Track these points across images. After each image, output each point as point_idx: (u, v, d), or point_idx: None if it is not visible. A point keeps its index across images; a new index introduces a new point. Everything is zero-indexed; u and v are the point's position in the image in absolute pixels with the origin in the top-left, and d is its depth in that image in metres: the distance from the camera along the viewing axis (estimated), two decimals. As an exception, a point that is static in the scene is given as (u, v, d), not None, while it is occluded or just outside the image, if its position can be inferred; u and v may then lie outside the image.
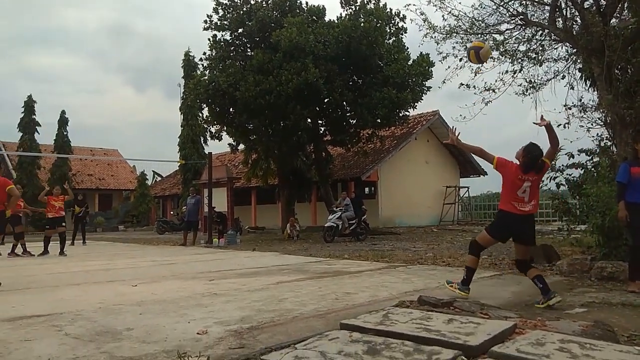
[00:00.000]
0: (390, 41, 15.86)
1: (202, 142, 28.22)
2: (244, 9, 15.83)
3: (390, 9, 15.69)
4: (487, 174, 25.65)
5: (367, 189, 23.08)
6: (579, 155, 7.55)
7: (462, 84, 8.86)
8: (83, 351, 3.03)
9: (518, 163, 4.44)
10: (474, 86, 8.71)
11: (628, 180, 5.04)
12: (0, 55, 70.50)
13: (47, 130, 29.43)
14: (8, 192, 6.35)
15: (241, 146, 19.11)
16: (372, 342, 2.88)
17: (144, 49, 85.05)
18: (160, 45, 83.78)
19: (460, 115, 8.91)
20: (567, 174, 7.57)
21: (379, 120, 15.75)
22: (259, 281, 6.08)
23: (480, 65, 8.40)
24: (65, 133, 30.53)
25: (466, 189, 25.82)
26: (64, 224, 11.59)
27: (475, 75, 8.69)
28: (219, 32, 16.21)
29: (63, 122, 30.56)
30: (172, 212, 30.26)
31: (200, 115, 25.94)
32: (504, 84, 8.70)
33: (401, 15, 15.74)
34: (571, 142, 7.54)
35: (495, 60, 8.58)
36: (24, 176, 28.52)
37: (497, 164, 4.50)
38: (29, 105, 29.64)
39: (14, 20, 71.82)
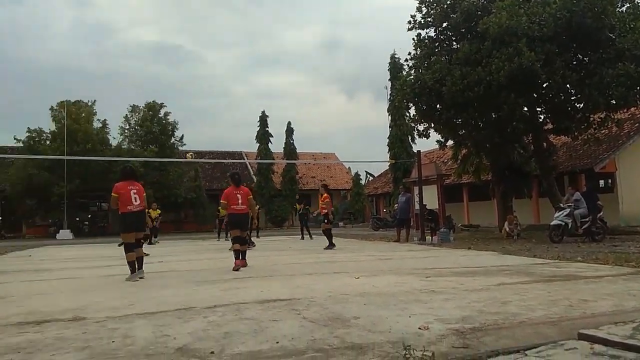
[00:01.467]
0: (624, 8, 13.46)
1: (409, 140, 28.57)
2: (448, 2, 15.42)
3: (622, -29, 13.31)
4: None
5: (602, 182, 19.98)
6: None
7: None
8: (319, 334, 3.39)
9: None
10: None
11: None
12: (240, 79, 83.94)
13: (277, 140, 33.90)
14: (249, 200, 7.98)
15: (450, 142, 18.67)
16: (620, 357, 2.50)
17: (353, 58, 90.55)
18: (367, 52, 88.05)
19: None
20: None
21: (613, 102, 13.47)
22: (477, 281, 5.86)
23: None
24: (291, 141, 34.58)
25: None
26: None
27: None
28: (423, 30, 16.15)
29: (289, 132, 34.68)
30: (384, 210, 31.44)
31: (408, 114, 26.27)
32: None
33: (638, -25, 13.22)
34: None
35: None
36: (262, 180, 33.32)
37: None
38: (263, 120, 34.51)
39: (247, 49, 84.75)
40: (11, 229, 27.66)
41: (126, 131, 29.60)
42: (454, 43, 15.91)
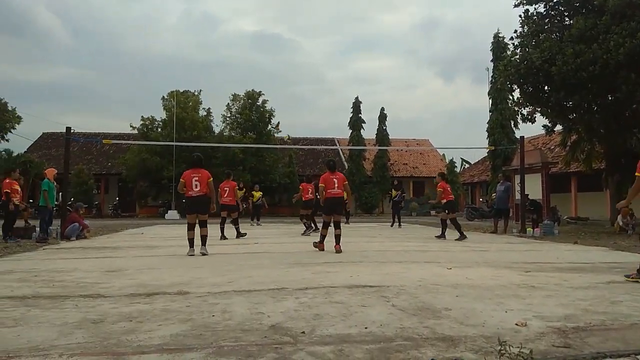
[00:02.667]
0: None
1: (512, 126, 26.87)
2: (560, -26, 14.19)
3: None
4: None
5: None
6: None
7: None
8: (408, 323, 3.35)
9: None
10: None
11: None
12: (335, 65, 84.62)
13: (370, 126, 33.72)
14: (345, 186, 8.39)
15: (558, 127, 17.26)
16: None
17: (452, 39, 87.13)
18: (467, 32, 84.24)
19: None
20: None
21: None
22: (583, 278, 5.41)
23: None
24: (384, 127, 34.18)
25: None
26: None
27: None
28: (532, 5, 15.00)
29: (382, 117, 34.28)
30: (481, 199, 30.05)
31: (511, 97, 24.74)
32: None
33: None
34: None
35: None
36: (354, 166, 33.43)
37: None
38: (356, 106, 34.45)
39: (342, 34, 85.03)
40: (126, 209, 30.65)
41: (227, 119, 31.24)
42: (566, 19, 14.63)
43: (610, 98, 13.52)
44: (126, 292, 4.51)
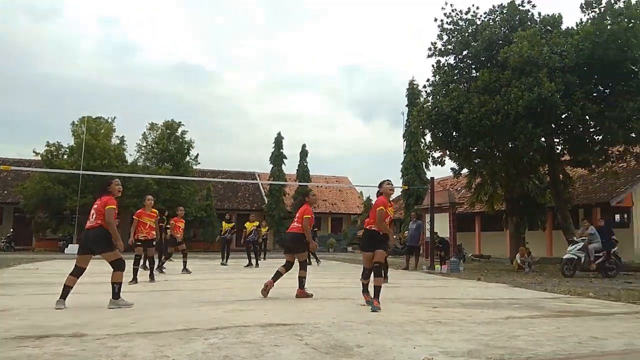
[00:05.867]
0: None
1: (424, 167, 28.49)
2: (469, 30, 15.57)
3: (646, 5, 13.30)
4: None
5: (617, 217, 19.63)
6: None
7: None
8: (319, 362, 3.31)
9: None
10: None
11: None
12: (257, 101, 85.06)
13: (291, 162, 34.07)
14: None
15: (464, 170, 18.56)
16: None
17: (372, 83, 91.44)
18: (386, 78, 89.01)
19: None
20: None
21: (633, 135, 13.36)
22: (485, 314, 5.72)
23: None
24: (305, 164, 34.67)
25: None
26: None
27: None
28: (443, 57, 16.26)
29: (304, 154, 34.81)
30: (394, 237, 31.09)
31: (423, 141, 26.30)
32: None
33: (661, 9, 13.18)
34: None
35: None
36: (273, 201, 33.33)
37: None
38: (279, 141, 34.72)
39: (266, 71, 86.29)
40: (22, 242, 27.86)
41: (143, 148, 29.98)
42: (474, 71, 15.99)
43: (510, 145, 14.82)
44: (13, 334, 4.04)
